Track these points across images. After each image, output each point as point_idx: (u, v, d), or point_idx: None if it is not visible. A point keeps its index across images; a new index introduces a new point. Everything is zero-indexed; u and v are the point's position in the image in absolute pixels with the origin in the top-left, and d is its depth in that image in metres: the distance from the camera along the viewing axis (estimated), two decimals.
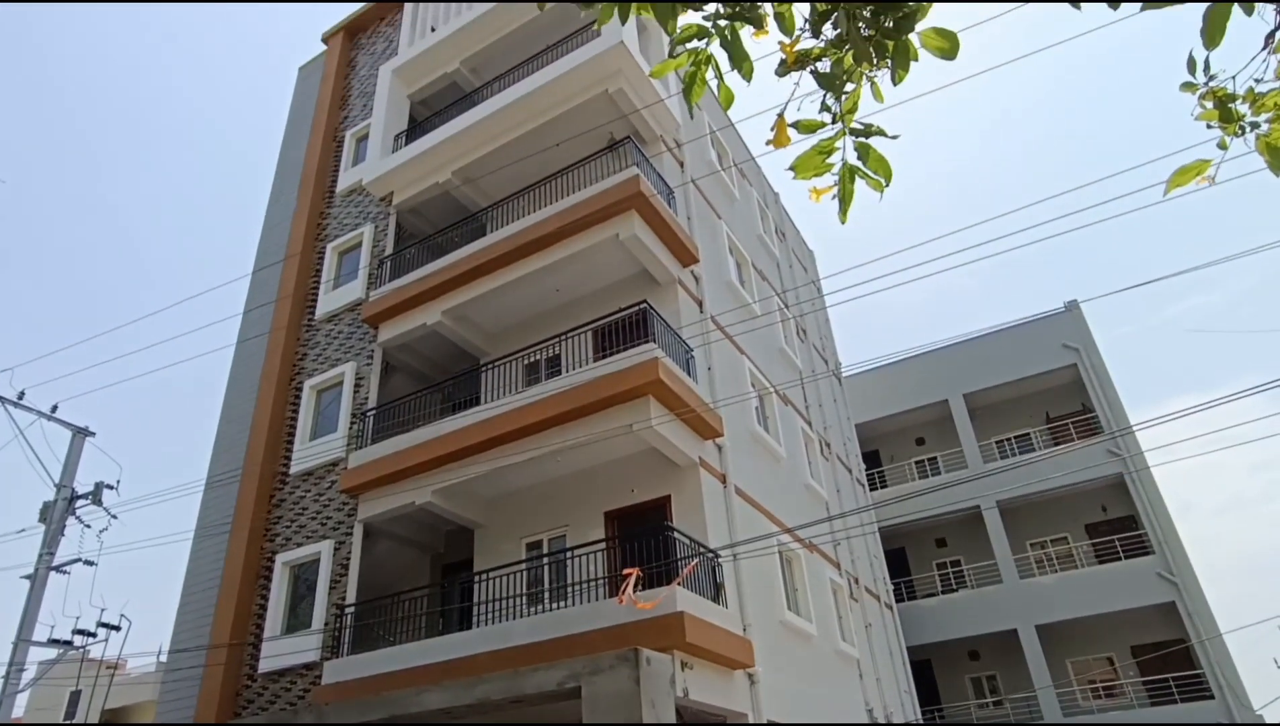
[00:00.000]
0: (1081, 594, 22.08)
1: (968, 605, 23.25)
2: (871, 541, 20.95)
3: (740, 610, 11.43)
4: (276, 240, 18.25)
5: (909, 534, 25.71)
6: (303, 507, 14.47)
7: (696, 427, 12.16)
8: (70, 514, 13.47)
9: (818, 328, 23.59)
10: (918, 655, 22.20)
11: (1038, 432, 25.73)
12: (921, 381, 27.04)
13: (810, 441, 17.99)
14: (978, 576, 24.19)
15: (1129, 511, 23.72)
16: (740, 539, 12.02)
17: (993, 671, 23.32)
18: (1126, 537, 23.08)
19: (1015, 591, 22.73)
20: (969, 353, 26.80)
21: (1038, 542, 24.64)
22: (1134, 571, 21.96)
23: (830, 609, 15.42)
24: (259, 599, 14.14)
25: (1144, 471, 22.96)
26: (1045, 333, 26.00)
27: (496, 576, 11.56)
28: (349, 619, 12.53)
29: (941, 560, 25.56)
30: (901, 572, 24.90)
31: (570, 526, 12.50)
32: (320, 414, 15.43)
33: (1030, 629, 21.93)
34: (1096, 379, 24.66)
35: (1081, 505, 24.55)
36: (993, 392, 26.36)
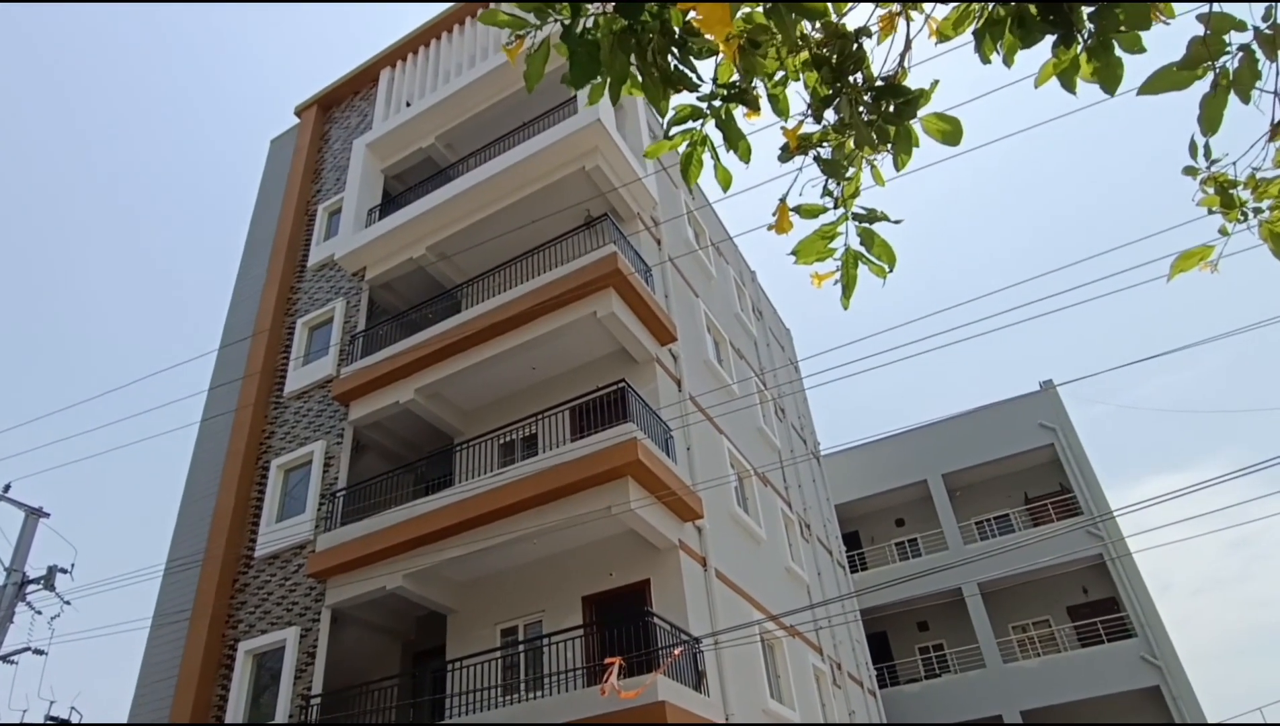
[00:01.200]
0: (1066, 678, 21.69)
1: (951, 690, 22.70)
2: (854, 626, 20.53)
3: (723, 698, 11.04)
4: (245, 315, 18.06)
5: (891, 618, 25.25)
6: (267, 593, 13.91)
7: (676, 509, 11.95)
8: (20, 599, 12.82)
9: (796, 407, 23.62)
10: None
11: (1017, 513, 25.67)
12: (900, 461, 27.00)
13: (790, 523, 17.76)
14: (961, 660, 23.72)
15: (1110, 593, 23.55)
16: (721, 623, 11.70)
17: None
18: (1109, 620, 22.85)
19: (999, 676, 22.27)
20: (947, 432, 26.88)
21: (1020, 625, 24.31)
22: (1117, 654, 21.66)
23: (813, 696, 14.96)
24: (219, 690, 13.44)
25: (1124, 552, 22.88)
26: (1021, 412, 26.20)
27: (470, 664, 11.10)
28: (315, 711, 11.92)
29: (924, 644, 25.06)
30: (884, 657, 24.37)
31: (547, 611, 12.10)
32: (287, 494, 15.00)
33: (1015, 715, 21.43)
34: (1073, 458, 24.78)
35: (1063, 587, 24.35)
36: (971, 473, 26.37)
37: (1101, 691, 21.22)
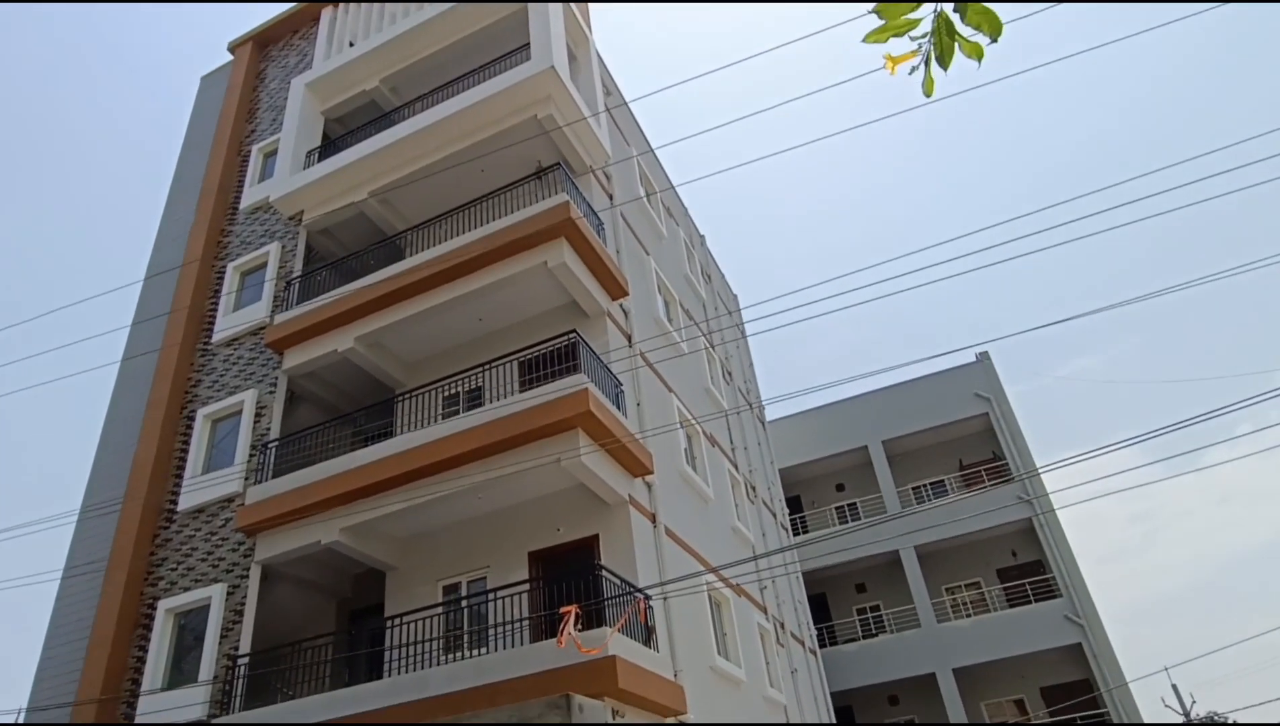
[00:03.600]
0: (995, 637, 22.34)
1: (887, 649, 23.18)
2: (796, 586, 20.68)
3: (672, 654, 10.87)
4: (170, 256, 16.95)
5: (830, 579, 25.63)
6: (191, 548, 13.18)
7: (626, 464, 11.67)
8: None
9: (742, 371, 23.53)
10: (840, 700, 21.93)
11: (952, 479, 26.23)
12: (842, 428, 27.34)
13: (737, 484, 17.68)
14: (897, 621, 24.22)
15: (1037, 556, 24.32)
16: (673, 586, 11.50)
17: (911, 715, 23.22)
18: (1036, 581, 23.56)
19: (933, 635, 22.81)
20: (887, 400, 27.26)
21: (953, 587, 24.95)
22: (1043, 614, 22.39)
23: (758, 653, 14.97)
24: (137, 651, 12.70)
25: (1050, 513, 23.63)
26: (959, 382, 26.74)
27: (411, 621, 10.67)
28: (242, 670, 11.34)
29: (862, 605, 25.53)
30: (823, 618, 24.73)
31: (491, 568, 11.73)
32: (215, 446, 14.21)
33: (947, 672, 21.99)
34: (1006, 427, 25.42)
35: (993, 550, 25.05)
36: (910, 439, 26.83)
37: (1028, 649, 21.93)
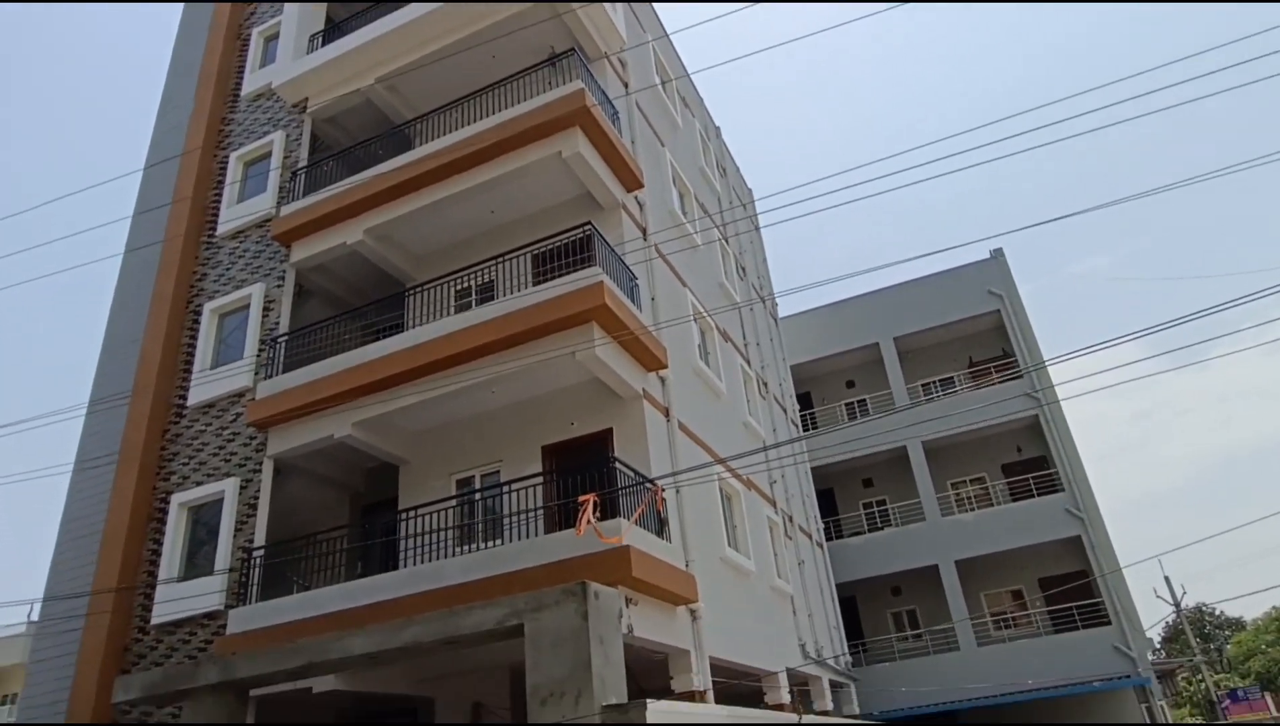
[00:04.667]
0: (997, 530, 22.74)
1: (892, 542, 23.66)
2: (804, 481, 20.92)
3: (683, 545, 10.98)
4: (171, 147, 16.37)
5: (838, 475, 25.92)
6: (203, 442, 13.20)
7: (640, 358, 11.49)
8: None
9: (756, 267, 23.13)
10: (844, 591, 22.49)
11: (961, 376, 26.17)
12: (853, 325, 27.17)
13: (749, 379, 17.60)
14: (902, 514, 24.63)
15: (1042, 452, 24.51)
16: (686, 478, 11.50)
17: (913, 605, 23.89)
18: (1039, 476, 23.82)
19: (937, 529, 23.22)
20: (899, 297, 27.00)
21: (958, 482, 25.26)
22: (1045, 508, 22.73)
23: (767, 546, 15.21)
24: (151, 544, 12.87)
25: (1055, 405, 23.70)
26: (971, 279, 26.42)
27: (425, 514, 10.72)
28: (257, 562, 11.51)
29: (868, 500, 25.93)
30: (830, 512, 25.14)
31: (505, 461, 11.73)
32: (223, 341, 14.05)
33: (950, 564, 22.48)
34: (1017, 324, 25.22)
35: (999, 446, 25.26)
36: (921, 337, 26.67)
37: (1029, 541, 22.35)
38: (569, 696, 7.16)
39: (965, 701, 20.56)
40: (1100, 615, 21.46)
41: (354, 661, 8.72)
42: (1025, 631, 22.80)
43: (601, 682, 7.24)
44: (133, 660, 12.01)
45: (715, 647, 11.01)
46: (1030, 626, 22.89)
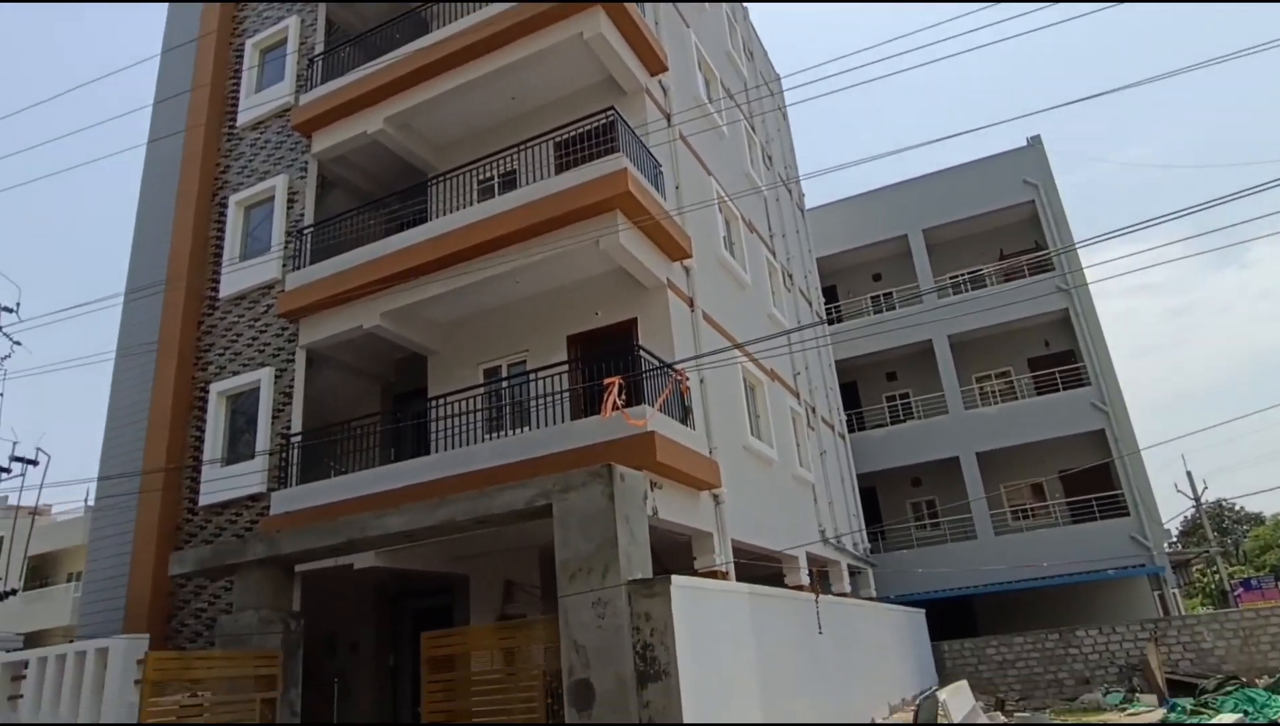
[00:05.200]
0: (1020, 423, 22.86)
1: (914, 435, 23.92)
2: (828, 373, 21.02)
3: (707, 433, 11.18)
4: (186, 32, 16.06)
5: (862, 368, 25.99)
6: (236, 333, 13.48)
7: (665, 247, 11.42)
8: None
9: (783, 156, 22.57)
10: (865, 482, 22.91)
11: (991, 269, 25.74)
12: (881, 216, 26.67)
13: (774, 270, 17.46)
14: (925, 407, 24.76)
15: (1069, 346, 24.33)
16: (710, 368, 11.61)
17: (932, 496, 24.34)
18: (1065, 370, 23.73)
19: (959, 422, 23.39)
20: (929, 188, 26.36)
21: (983, 376, 25.24)
22: (1070, 401, 22.76)
23: (790, 436, 15.45)
24: (194, 431, 13.36)
25: (1086, 297, 23.44)
26: (1006, 168, 25.67)
27: (454, 401, 10.97)
28: (295, 448, 11.93)
29: (892, 393, 26.06)
30: (853, 405, 25.35)
31: (531, 351, 11.88)
32: (250, 234, 14.14)
33: (971, 456, 22.74)
34: (1052, 215, 24.60)
35: (1026, 340, 25.09)
36: (951, 228, 26.14)
37: (1051, 435, 22.49)
38: (596, 572, 7.48)
39: (980, 587, 21.19)
40: (1119, 507, 21.78)
41: (391, 539, 9.15)
42: (1043, 522, 23.22)
43: (627, 559, 7.55)
44: (184, 539, 12.65)
45: (737, 531, 11.36)
46: (1048, 518, 23.29)
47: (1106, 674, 18.48)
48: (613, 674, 7.13)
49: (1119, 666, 18.46)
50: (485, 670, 8.37)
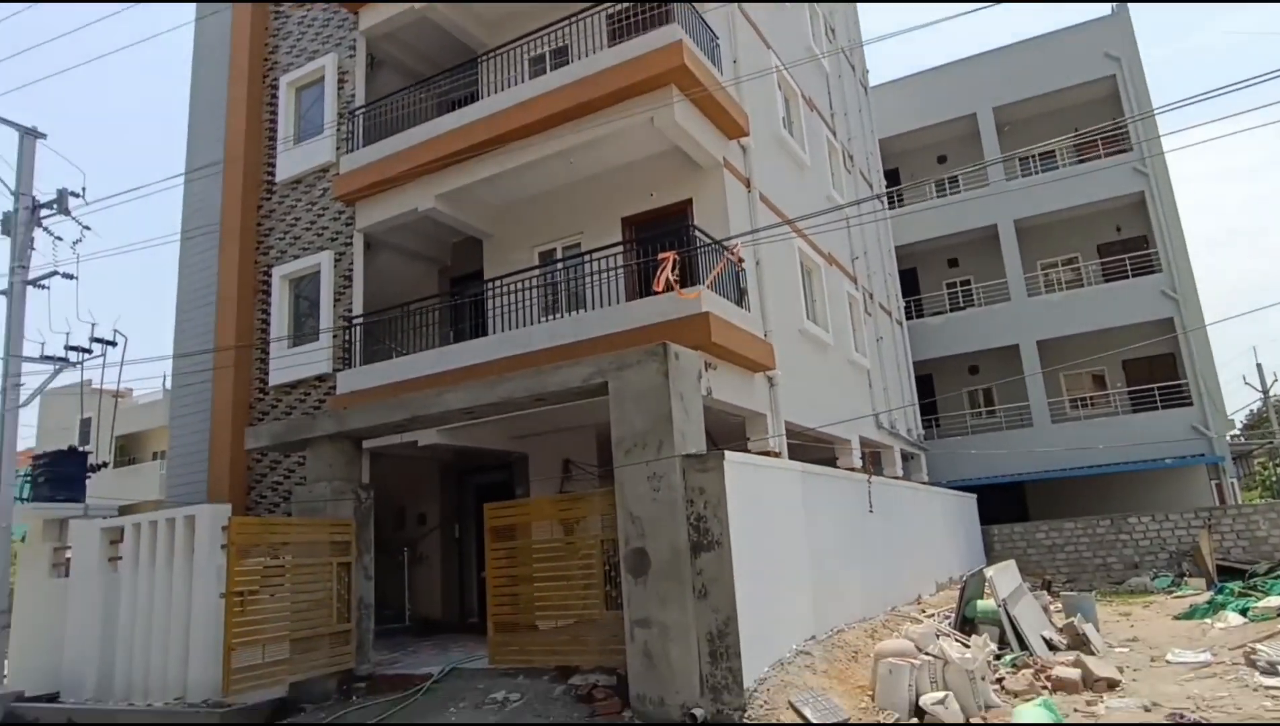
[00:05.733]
0: (1085, 310, 22.18)
1: (973, 322, 23.45)
2: (887, 259, 20.55)
3: (762, 315, 11.12)
4: None
5: (923, 254, 25.26)
6: (295, 217, 13.67)
7: (721, 124, 11.07)
8: (37, 225, 12.53)
9: (846, 30, 21.39)
10: (921, 369, 22.71)
11: (1064, 149, 24.44)
12: (949, 94, 25.27)
13: (834, 151, 16.86)
14: (986, 295, 24.15)
15: (1142, 231, 23.26)
16: (763, 246, 11.42)
17: (989, 384, 24.02)
18: (1136, 257, 22.80)
19: (1021, 309, 22.81)
20: (1001, 63, 24.82)
21: (1049, 262, 24.38)
22: (1139, 288, 21.97)
23: (846, 321, 15.29)
24: (260, 314, 13.78)
25: (1161, 169, 22.29)
26: (1086, 41, 23.93)
27: (510, 283, 11.05)
28: (358, 330, 12.24)
29: (952, 280, 25.39)
30: (912, 292, 24.82)
31: (585, 233, 11.82)
32: (302, 116, 14.11)
33: (1031, 344, 22.28)
34: (1134, 92, 23.04)
35: (1097, 225, 24.02)
36: (1022, 107, 24.69)
37: (1117, 323, 21.77)
38: (651, 447, 7.64)
39: (1033, 473, 21.15)
40: (1182, 396, 21.28)
41: (452, 415, 9.44)
42: (1102, 411, 22.84)
43: (682, 435, 7.68)
44: (257, 416, 13.26)
45: (790, 413, 11.43)
46: (1108, 406, 22.90)
47: (1156, 559, 18.53)
48: (667, 543, 7.39)
49: (1169, 552, 18.47)
50: (545, 539, 8.76)
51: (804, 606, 8.81)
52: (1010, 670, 9.25)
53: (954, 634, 10.06)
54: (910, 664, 7.83)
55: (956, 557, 16.77)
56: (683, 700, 6.99)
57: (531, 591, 8.45)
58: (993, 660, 9.32)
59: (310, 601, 9.11)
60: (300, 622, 8.93)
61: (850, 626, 9.68)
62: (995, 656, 9.59)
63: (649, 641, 7.25)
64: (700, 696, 7.00)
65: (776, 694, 7.21)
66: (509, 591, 8.59)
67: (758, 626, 7.36)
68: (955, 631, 10.26)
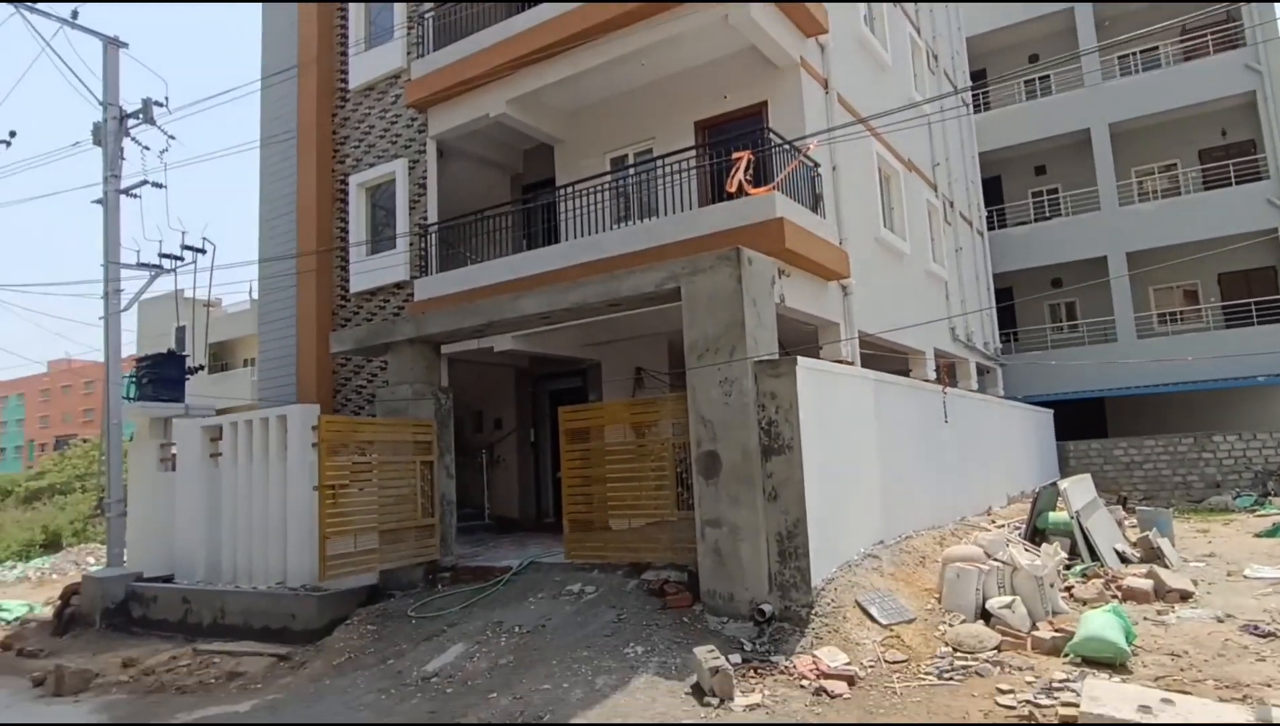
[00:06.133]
0: (1180, 220, 21.01)
1: (1059, 232, 22.43)
2: (970, 166, 19.70)
3: (837, 222, 10.89)
4: None
5: (1008, 161, 24.05)
6: (369, 125, 13.80)
7: (798, 21, 10.64)
8: (125, 135, 12.96)
9: None
10: (1002, 282, 21.97)
11: (1169, 44, 22.72)
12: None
13: (918, 50, 16.04)
14: (1075, 204, 23.02)
15: (1250, 135, 21.66)
16: (841, 152, 11.10)
17: (1072, 298, 23.16)
18: (1241, 163, 21.33)
19: (1111, 219, 21.70)
20: None
21: (1144, 170, 23.00)
22: (1242, 197, 20.65)
23: (924, 229, 14.86)
24: (339, 222, 14.11)
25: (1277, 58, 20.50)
26: None
27: (582, 190, 11.03)
28: (433, 237, 12.44)
29: (1038, 188, 24.20)
30: (995, 201, 23.80)
31: (657, 138, 11.65)
32: (372, 20, 14.08)
33: (1120, 256, 21.29)
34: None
35: (1199, 128, 22.45)
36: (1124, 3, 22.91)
37: (1216, 233, 20.54)
38: (723, 351, 7.69)
39: (1115, 389, 20.53)
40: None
41: (527, 321, 9.63)
42: (1192, 326, 21.86)
43: (754, 341, 7.70)
44: (339, 323, 13.74)
45: (864, 323, 11.29)
46: (1199, 322, 21.88)
47: (1240, 479, 17.98)
48: (738, 446, 7.51)
49: (1254, 472, 17.89)
50: (618, 442, 8.98)
51: (873, 512, 8.90)
52: (1080, 579, 9.24)
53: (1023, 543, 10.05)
54: (978, 568, 7.89)
55: (1029, 472, 16.57)
56: (751, 596, 7.23)
57: (605, 491, 8.73)
58: (1062, 569, 9.30)
59: (396, 496, 9.61)
60: (388, 516, 9.45)
61: (919, 534, 9.75)
62: (1065, 566, 9.56)
63: (719, 540, 7.46)
64: (769, 593, 7.22)
65: (843, 593, 7.39)
66: (583, 491, 8.89)
67: (826, 529, 7.50)
68: (1025, 542, 10.24)
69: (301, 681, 7.63)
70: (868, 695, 6.02)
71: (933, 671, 6.44)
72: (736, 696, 5.97)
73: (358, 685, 7.14)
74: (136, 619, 10.96)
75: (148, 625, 10.74)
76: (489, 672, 6.90)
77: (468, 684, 6.76)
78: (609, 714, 5.84)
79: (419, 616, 8.60)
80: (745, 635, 7.06)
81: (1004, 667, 6.47)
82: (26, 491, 28.66)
